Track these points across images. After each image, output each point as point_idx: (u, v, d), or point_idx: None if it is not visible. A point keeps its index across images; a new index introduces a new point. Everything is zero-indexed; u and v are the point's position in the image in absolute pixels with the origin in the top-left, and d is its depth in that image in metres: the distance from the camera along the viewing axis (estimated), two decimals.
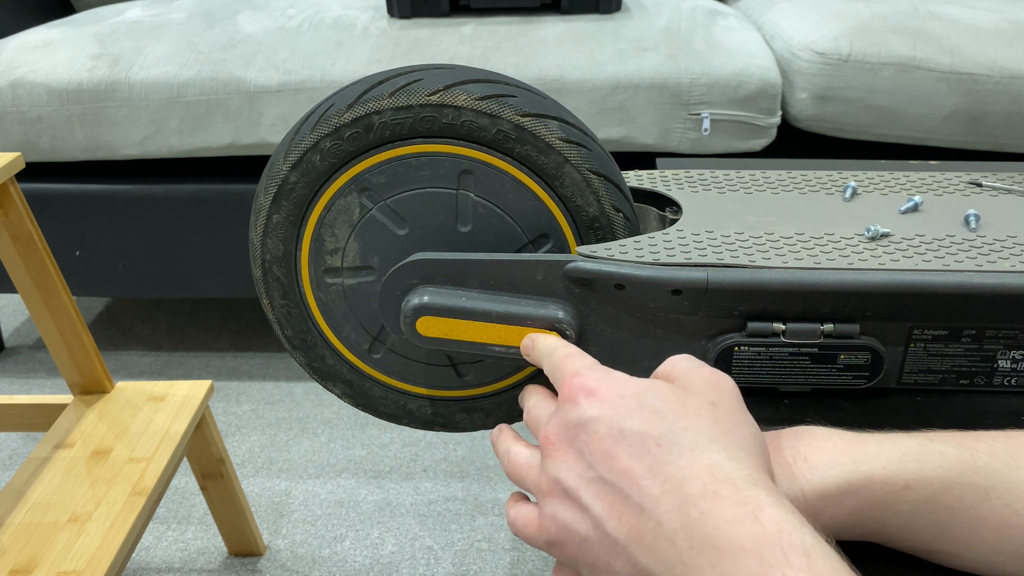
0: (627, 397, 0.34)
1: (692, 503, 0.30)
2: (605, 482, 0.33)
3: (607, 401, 0.34)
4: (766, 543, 0.28)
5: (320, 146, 0.47)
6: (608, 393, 0.35)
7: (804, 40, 1.28)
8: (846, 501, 0.35)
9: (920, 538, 0.35)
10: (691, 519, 0.29)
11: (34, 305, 0.92)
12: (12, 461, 1.35)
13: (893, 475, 0.35)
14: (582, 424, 0.34)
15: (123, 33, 1.37)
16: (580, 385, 0.35)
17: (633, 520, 0.31)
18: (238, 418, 1.44)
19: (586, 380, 0.36)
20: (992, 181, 0.57)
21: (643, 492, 0.31)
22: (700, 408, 0.34)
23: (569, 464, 0.34)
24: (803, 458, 0.36)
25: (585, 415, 0.34)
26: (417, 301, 0.46)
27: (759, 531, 0.28)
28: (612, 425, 0.33)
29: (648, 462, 0.32)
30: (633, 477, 0.32)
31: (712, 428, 0.33)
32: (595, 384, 0.35)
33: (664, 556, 0.30)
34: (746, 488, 0.30)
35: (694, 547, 0.29)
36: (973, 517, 0.34)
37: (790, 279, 0.44)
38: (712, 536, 0.29)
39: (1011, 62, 1.23)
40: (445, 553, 1.15)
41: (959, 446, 0.35)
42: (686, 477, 0.31)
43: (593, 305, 0.47)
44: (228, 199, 1.37)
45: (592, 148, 0.48)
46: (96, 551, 0.79)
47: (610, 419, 0.33)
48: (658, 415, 0.33)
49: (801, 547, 0.28)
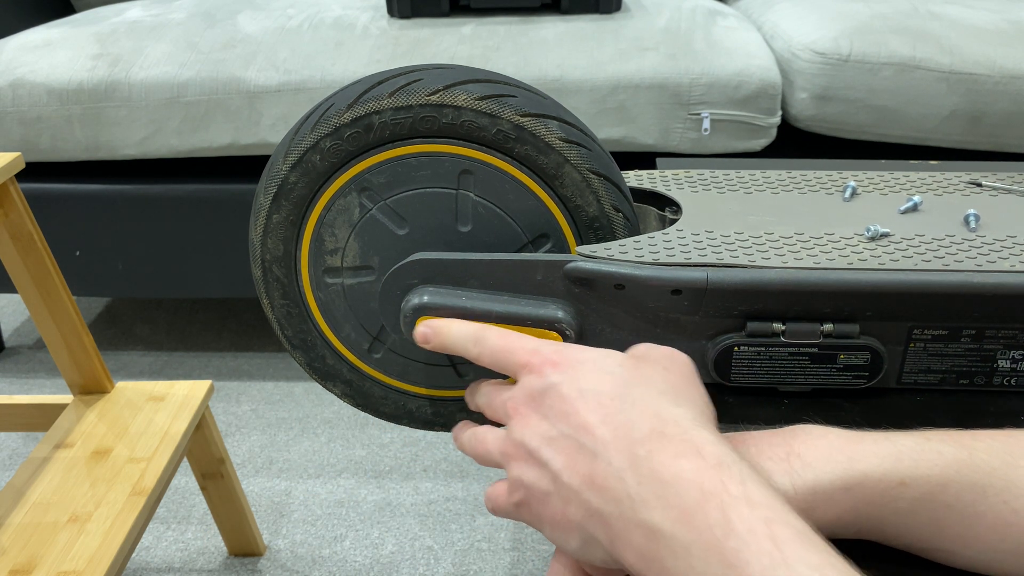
0: (585, 362, 0.37)
1: (640, 443, 0.32)
2: (564, 436, 0.35)
3: (568, 367, 0.37)
4: (707, 474, 0.30)
5: (320, 146, 0.47)
6: (568, 360, 0.37)
7: (804, 40, 1.28)
8: (842, 499, 0.35)
9: (918, 536, 0.35)
10: (638, 457, 0.32)
11: (34, 305, 0.92)
12: (12, 461, 1.35)
13: (889, 472, 0.35)
14: (545, 390, 0.36)
15: (123, 33, 1.37)
16: (543, 359, 0.38)
17: (587, 466, 0.33)
18: (238, 418, 1.44)
19: (547, 352, 0.38)
20: (992, 181, 0.57)
21: (596, 439, 0.33)
22: (652, 371, 0.37)
23: (534, 426, 0.36)
24: (798, 455, 0.36)
25: (548, 381, 0.36)
26: (417, 301, 0.46)
27: (701, 464, 0.30)
28: (572, 386, 0.36)
29: (602, 413, 0.34)
30: (588, 428, 0.34)
31: (662, 385, 0.36)
32: (555, 355, 0.38)
33: (614, 494, 0.32)
34: (691, 429, 0.32)
35: (641, 482, 0.31)
36: (971, 515, 0.34)
37: (790, 279, 0.44)
38: (658, 471, 0.31)
39: (1011, 62, 1.23)
40: (445, 553, 1.15)
41: (956, 444, 0.35)
42: (635, 422, 0.33)
43: (593, 305, 0.47)
44: (228, 199, 1.37)
45: (592, 148, 0.48)
46: (96, 551, 0.79)
47: (571, 381, 0.36)
48: (612, 375, 0.36)
49: (739, 476, 0.30)
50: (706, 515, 0.29)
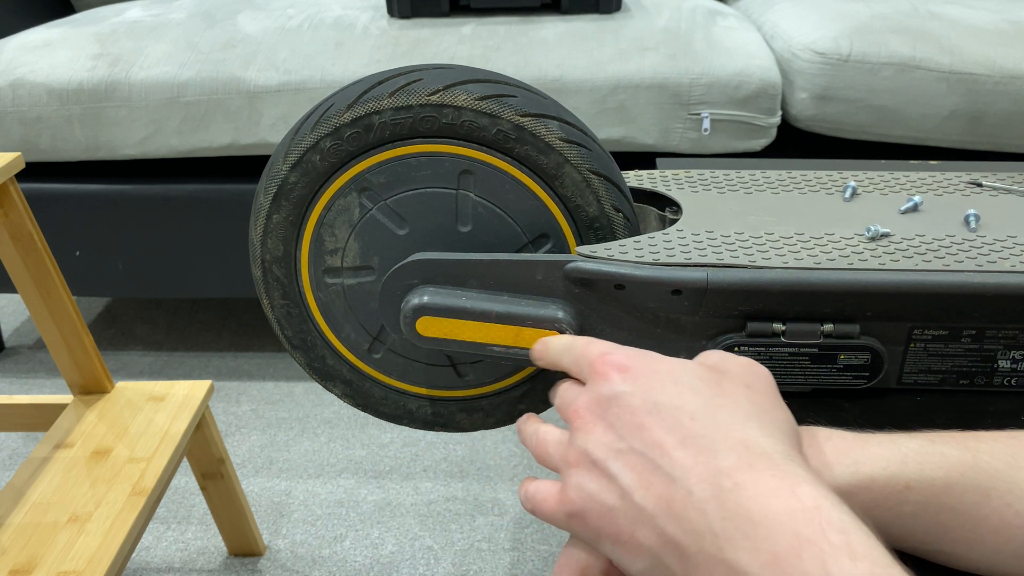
0: (661, 372, 0.34)
1: (725, 474, 0.29)
2: (635, 452, 0.32)
3: (640, 376, 0.34)
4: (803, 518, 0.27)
5: (320, 146, 0.47)
6: (641, 369, 0.35)
7: (804, 40, 1.28)
8: (847, 502, 0.35)
9: (921, 539, 0.35)
10: (724, 490, 0.29)
11: (34, 305, 0.92)
12: (12, 461, 1.35)
13: (894, 476, 0.35)
14: (614, 397, 0.34)
15: (123, 33, 1.37)
16: (612, 362, 0.35)
17: (663, 489, 0.31)
18: (238, 418, 1.44)
19: (617, 357, 0.35)
20: (992, 181, 0.57)
21: (674, 462, 0.31)
22: (735, 389, 0.34)
23: (599, 436, 0.34)
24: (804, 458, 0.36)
25: (617, 389, 0.34)
26: (417, 301, 0.46)
27: (796, 505, 0.28)
28: (645, 399, 0.33)
29: (681, 434, 0.31)
30: (664, 448, 0.31)
31: (748, 407, 0.33)
32: (627, 360, 0.35)
33: (694, 526, 0.29)
34: (783, 464, 0.30)
35: (726, 517, 0.28)
36: (974, 517, 0.34)
37: (790, 279, 0.44)
38: (746, 508, 0.28)
39: (1011, 62, 1.23)
40: (445, 553, 1.15)
41: (960, 447, 0.35)
42: (720, 450, 0.30)
43: (593, 305, 0.47)
44: (228, 199, 1.37)
45: (592, 148, 0.48)
46: (96, 551, 0.79)
47: (643, 393, 0.33)
48: (692, 391, 0.33)
49: (839, 524, 0.27)
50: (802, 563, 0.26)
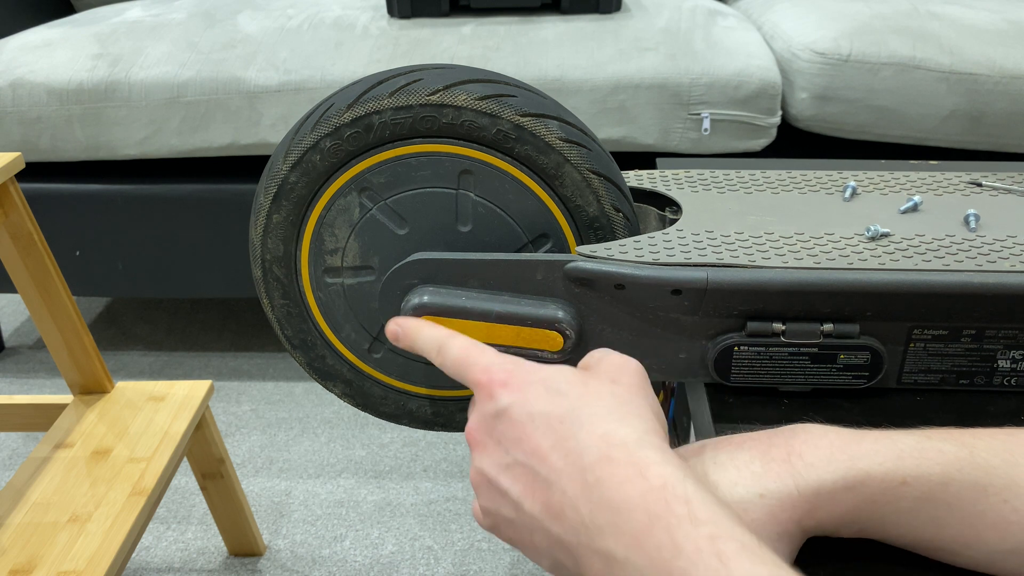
0: (535, 383, 0.36)
1: (589, 469, 0.32)
2: (519, 464, 0.35)
3: (518, 389, 0.36)
4: (652, 497, 0.30)
5: (320, 146, 0.47)
6: (518, 381, 0.36)
7: (804, 40, 1.28)
8: (843, 498, 0.35)
9: (918, 535, 0.35)
10: (589, 484, 0.32)
11: (34, 305, 0.92)
12: (12, 461, 1.35)
13: (891, 472, 0.35)
14: (498, 415, 0.36)
15: (123, 33, 1.37)
16: (492, 379, 0.37)
17: (544, 495, 0.33)
18: (238, 418, 1.44)
19: (496, 373, 0.37)
20: (992, 181, 0.57)
21: (550, 467, 0.33)
22: (600, 387, 0.36)
23: (490, 454, 0.36)
24: (799, 455, 0.36)
25: (500, 405, 0.36)
26: (417, 301, 0.46)
27: (646, 486, 0.30)
28: (523, 410, 0.35)
29: (552, 438, 0.34)
30: (541, 455, 0.34)
31: (609, 402, 0.35)
32: (505, 376, 0.37)
33: (571, 523, 0.32)
34: (636, 450, 0.32)
35: (593, 510, 0.31)
36: (971, 514, 0.34)
37: (790, 279, 0.44)
38: (608, 498, 0.31)
39: (1011, 62, 1.23)
40: (445, 553, 1.15)
41: (957, 443, 0.35)
42: (584, 447, 0.33)
43: (593, 305, 0.47)
44: (228, 199, 1.37)
45: (592, 148, 0.48)
46: (96, 551, 0.79)
47: (520, 404, 0.35)
48: (561, 395, 0.35)
49: (683, 496, 0.30)
50: (655, 538, 0.29)
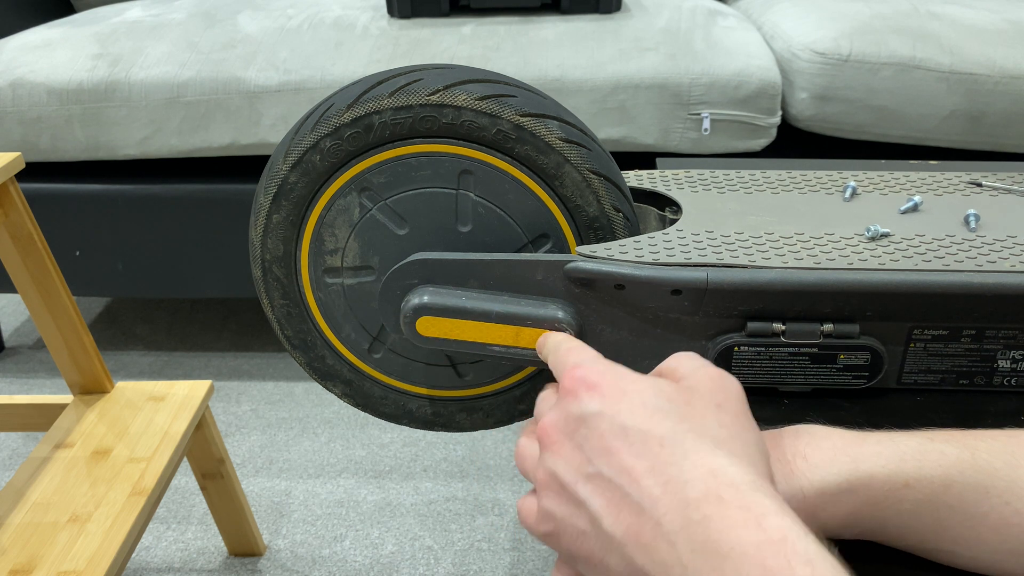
0: (630, 393, 0.33)
1: (694, 506, 0.29)
2: (604, 478, 0.32)
3: (609, 396, 0.33)
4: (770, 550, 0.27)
5: (320, 146, 0.47)
6: (610, 388, 0.34)
7: (804, 40, 1.28)
8: (846, 499, 0.35)
9: (920, 537, 0.35)
10: (692, 521, 0.29)
11: (34, 305, 0.92)
12: (12, 461, 1.35)
13: (893, 474, 0.35)
14: (582, 418, 0.33)
15: (123, 33, 1.37)
16: (581, 378, 0.35)
17: (631, 519, 0.31)
18: (238, 418, 1.44)
19: (587, 373, 0.35)
20: (992, 181, 0.57)
21: (643, 491, 0.31)
22: (705, 410, 0.33)
23: (567, 458, 0.34)
24: (803, 456, 0.36)
25: (586, 409, 0.33)
26: (417, 301, 0.46)
27: (763, 538, 0.28)
28: (614, 421, 0.33)
29: (650, 461, 0.31)
30: (633, 476, 0.31)
31: (716, 431, 0.32)
32: (597, 378, 0.34)
33: (662, 557, 0.29)
34: (750, 494, 0.29)
35: (695, 550, 0.28)
36: (973, 516, 0.34)
37: (790, 279, 0.44)
38: (714, 540, 0.28)
39: (1011, 62, 1.23)
40: (445, 553, 1.15)
41: (959, 445, 0.35)
42: (688, 479, 0.30)
43: (593, 305, 0.47)
44: (228, 199, 1.37)
45: (592, 148, 0.48)
46: (96, 551, 0.79)
47: (612, 415, 0.33)
48: (662, 413, 0.33)
49: (805, 556, 0.27)
50: None
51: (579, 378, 0.35)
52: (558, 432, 0.34)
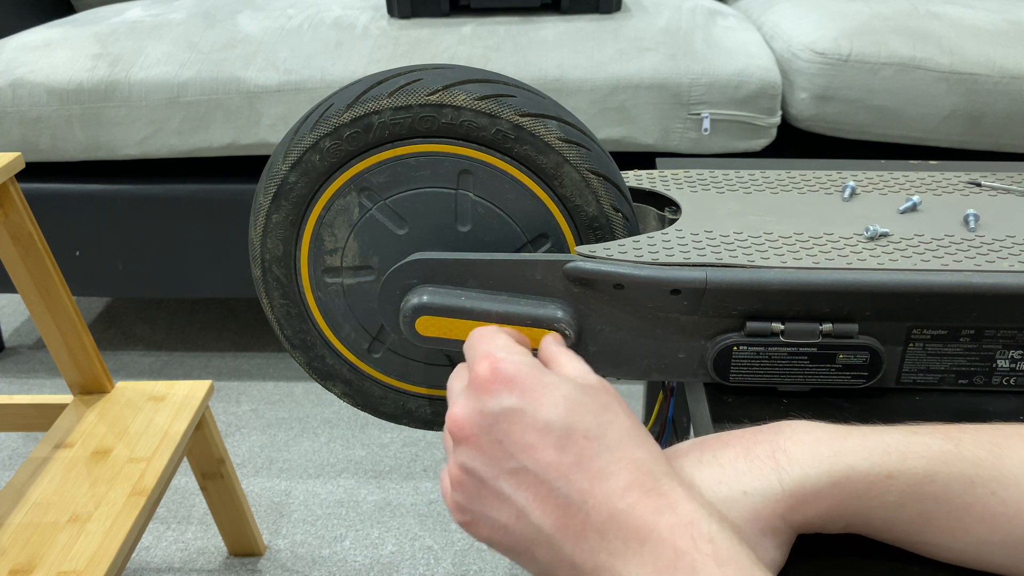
0: (547, 387, 0.34)
1: (619, 495, 0.31)
2: (528, 472, 0.33)
3: (527, 390, 0.34)
4: (680, 532, 0.30)
5: (319, 146, 0.47)
6: (528, 382, 0.34)
7: (804, 40, 1.28)
8: (829, 494, 0.35)
9: (906, 529, 0.35)
10: (618, 511, 0.31)
11: (34, 305, 0.92)
12: (12, 461, 1.35)
13: (876, 466, 0.35)
14: (502, 414, 0.34)
15: (123, 33, 1.37)
16: (497, 372, 0.35)
17: (561, 511, 0.32)
18: (238, 418, 1.44)
19: (502, 366, 0.35)
20: (991, 181, 0.57)
21: (571, 485, 0.32)
22: (617, 408, 0.35)
23: (486, 453, 0.34)
24: (784, 452, 0.36)
25: (505, 404, 0.34)
26: (416, 301, 0.46)
27: (675, 521, 0.30)
28: (536, 417, 0.33)
29: (575, 455, 0.32)
30: (561, 470, 0.32)
31: (629, 425, 0.34)
32: (513, 371, 0.34)
33: (590, 546, 0.31)
34: (666, 482, 0.32)
35: (619, 537, 0.31)
36: (959, 506, 0.34)
37: (789, 279, 0.44)
38: (636, 527, 0.31)
39: (1011, 62, 1.23)
40: (445, 553, 1.15)
41: (943, 437, 0.35)
42: (613, 471, 0.32)
43: (592, 305, 0.47)
44: (228, 199, 1.37)
45: (591, 148, 0.48)
46: (96, 551, 0.79)
47: (533, 410, 0.33)
48: (582, 408, 0.34)
49: (708, 535, 0.30)
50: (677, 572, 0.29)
51: (495, 373, 0.35)
52: (474, 426, 0.34)
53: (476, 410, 0.35)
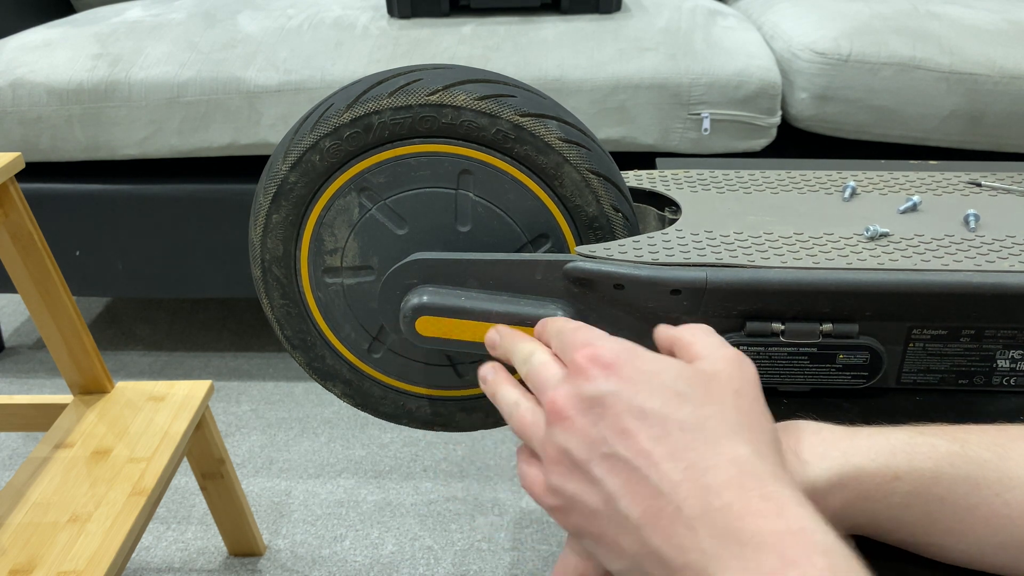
0: (648, 374, 0.33)
1: (715, 492, 0.29)
2: (620, 459, 0.31)
3: (625, 376, 0.33)
4: (789, 540, 0.27)
5: (319, 146, 0.47)
6: (627, 367, 0.33)
7: (804, 40, 1.28)
8: (837, 494, 0.35)
9: (911, 530, 0.36)
10: (713, 508, 0.29)
11: (34, 305, 0.92)
12: (12, 461, 1.35)
13: (883, 467, 0.35)
14: (598, 398, 0.33)
15: (123, 33, 1.37)
16: (594, 356, 0.34)
17: (650, 501, 0.30)
18: (238, 418, 1.44)
19: (601, 352, 0.34)
20: (991, 181, 0.57)
21: (662, 475, 0.30)
22: (724, 395, 0.33)
23: (581, 435, 0.33)
24: (793, 452, 0.36)
25: (601, 389, 0.33)
26: (416, 301, 0.46)
27: (783, 527, 0.28)
28: (632, 402, 0.32)
29: (669, 445, 0.31)
30: (652, 459, 0.31)
31: (736, 418, 0.32)
32: (612, 357, 0.34)
33: (680, 541, 0.29)
34: (771, 483, 0.30)
35: (715, 536, 0.29)
36: (964, 508, 0.34)
37: (789, 279, 0.44)
38: (735, 528, 0.28)
39: (1011, 62, 1.23)
40: (445, 553, 1.15)
41: (949, 438, 0.36)
42: (710, 466, 0.30)
43: (592, 305, 0.47)
44: (228, 199, 1.37)
45: (591, 148, 0.48)
46: (96, 551, 0.79)
47: (629, 396, 0.32)
48: (681, 397, 0.32)
49: (823, 546, 0.27)
50: None
51: (592, 356, 0.34)
52: (571, 409, 0.33)
53: (572, 392, 0.34)
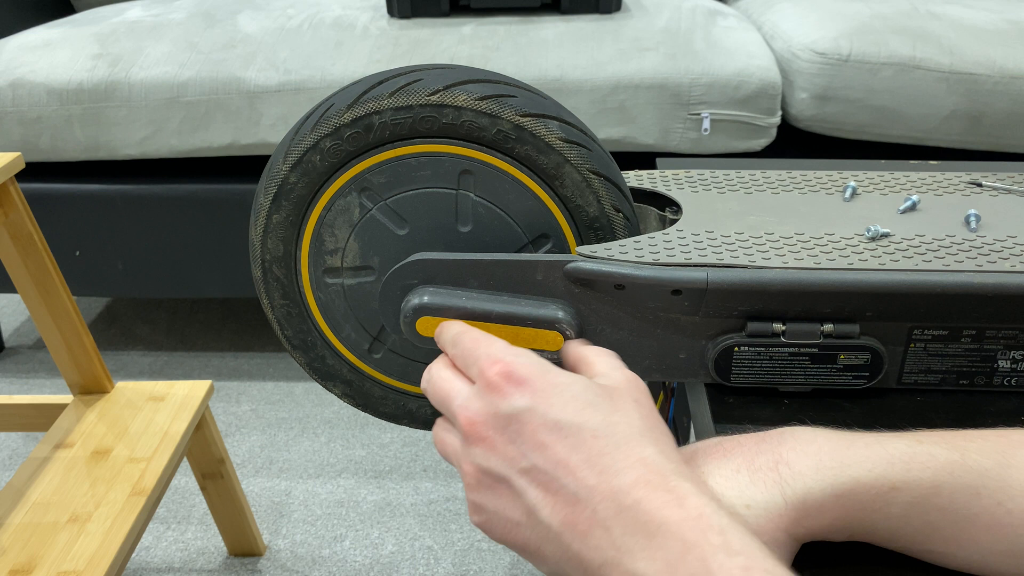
0: (559, 386, 0.35)
1: (625, 492, 0.32)
2: (539, 470, 0.34)
3: (539, 391, 0.35)
4: (689, 525, 0.30)
5: (320, 146, 0.47)
6: (539, 382, 0.35)
7: (804, 40, 1.28)
8: (833, 506, 0.34)
9: (911, 539, 0.35)
10: (624, 507, 0.31)
11: (34, 305, 0.92)
12: (12, 461, 1.35)
13: (880, 478, 0.34)
14: (514, 415, 0.35)
15: (123, 33, 1.37)
16: (507, 374, 0.36)
17: (568, 508, 0.33)
18: (238, 418, 1.44)
19: (513, 368, 0.36)
20: (992, 181, 0.57)
21: (579, 482, 0.33)
22: (627, 404, 0.36)
23: (500, 453, 0.35)
24: (787, 463, 0.35)
25: (517, 406, 0.35)
26: (417, 301, 0.46)
27: (683, 515, 0.31)
28: (547, 416, 0.34)
29: (584, 452, 0.33)
30: (570, 467, 0.33)
31: (641, 423, 0.35)
32: (525, 373, 0.36)
33: (597, 542, 0.32)
34: (673, 479, 0.32)
35: (627, 531, 0.31)
36: (965, 517, 0.34)
37: (790, 279, 0.44)
38: (643, 522, 0.31)
39: (1011, 62, 1.23)
40: (445, 553, 1.15)
41: (948, 446, 0.35)
42: (620, 468, 0.33)
43: (593, 305, 0.47)
44: (228, 199, 1.37)
45: (592, 148, 0.48)
46: (96, 551, 0.79)
47: (544, 410, 0.34)
48: (591, 406, 0.35)
49: (719, 526, 0.30)
50: (689, 565, 0.29)
51: (505, 374, 0.36)
52: (486, 428, 0.36)
53: (489, 412, 0.36)
